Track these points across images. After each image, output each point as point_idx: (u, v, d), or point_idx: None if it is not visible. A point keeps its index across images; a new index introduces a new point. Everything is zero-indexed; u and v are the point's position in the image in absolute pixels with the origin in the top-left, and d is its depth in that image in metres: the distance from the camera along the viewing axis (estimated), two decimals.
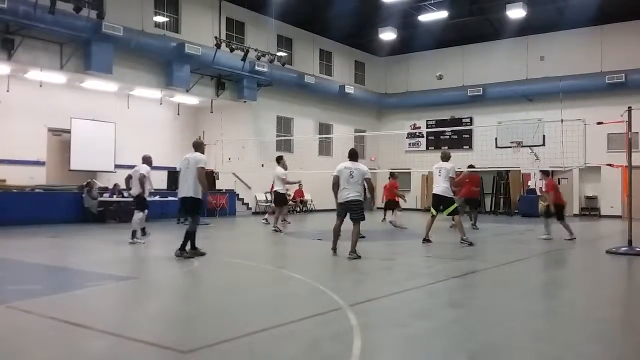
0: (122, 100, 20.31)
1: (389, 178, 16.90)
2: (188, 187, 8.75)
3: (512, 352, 4.25)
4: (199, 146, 9.12)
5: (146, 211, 11.00)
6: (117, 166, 19.09)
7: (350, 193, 8.88)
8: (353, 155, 9.28)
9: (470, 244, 10.67)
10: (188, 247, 8.83)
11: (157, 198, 17.07)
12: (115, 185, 16.67)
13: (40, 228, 13.51)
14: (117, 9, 17.47)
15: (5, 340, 4.38)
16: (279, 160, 14.40)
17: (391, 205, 16.21)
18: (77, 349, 4.18)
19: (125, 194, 10.89)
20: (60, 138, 18.56)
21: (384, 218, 17.31)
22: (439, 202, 10.93)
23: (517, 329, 4.92)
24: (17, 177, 16.51)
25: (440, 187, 10.83)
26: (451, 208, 10.87)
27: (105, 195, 16.64)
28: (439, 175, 10.86)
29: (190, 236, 8.81)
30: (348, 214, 9.07)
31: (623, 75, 21.95)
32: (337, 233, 9.16)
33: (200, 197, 8.82)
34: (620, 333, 4.96)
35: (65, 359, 3.97)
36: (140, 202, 10.89)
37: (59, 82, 17.96)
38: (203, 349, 4.07)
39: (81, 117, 18.42)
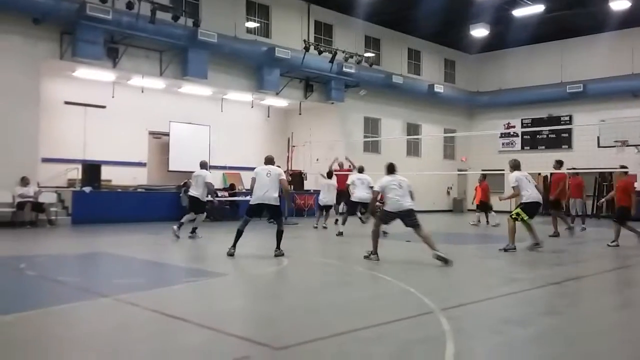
0: (216, 104, 21.14)
1: (480, 180, 16.39)
2: (276, 195, 9.13)
3: None
4: (271, 161, 9.54)
5: (204, 214, 11.97)
6: (211, 167, 19.85)
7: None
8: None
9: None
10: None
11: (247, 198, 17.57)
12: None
13: (142, 225, 14.35)
14: (212, 17, 18.24)
15: (115, 330, 4.69)
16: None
17: (484, 207, 15.77)
18: (177, 341, 4.39)
19: (194, 193, 11.65)
20: (160, 140, 19.63)
21: (487, 221, 16.86)
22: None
23: (620, 340, 4.59)
24: (121, 178, 17.64)
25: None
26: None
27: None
28: (529, 182, 10.42)
29: (281, 236, 9.13)
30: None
31: None
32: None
33: (279, 204, 9.23)
34: None
35: (166, 350, 4.18)
36: (199, 204, 11.56)
37: (159, 88, 19.01)
38: (294, 347, 4.14)
39: (179, 120, 19.38)
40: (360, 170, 13.50)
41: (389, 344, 4.33)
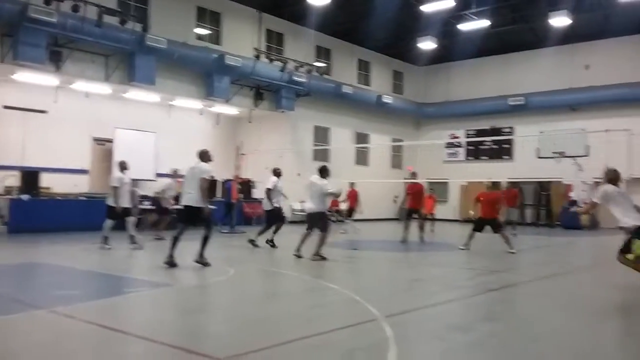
0: (164, 110, 20.77)
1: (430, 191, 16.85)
2: (197, 197, 8.70)
3: None
4: (203, 155, 9.09)
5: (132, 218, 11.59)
6: (158, 175, 19.48)
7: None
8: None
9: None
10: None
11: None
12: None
13: (83, 234, 13.89)
14: (161, 22, 17.94)
15: (48, 344, 4.51)
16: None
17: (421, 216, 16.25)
18: (114, 354, 4.26)
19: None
20: (104, 147, 19.08)
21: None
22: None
23: (558, 346, 4.77)
24: (62, 185, 17.02)
25: None
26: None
27: (145, 203, 16.96)
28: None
29: (207, 241, 8.75)
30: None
31: None
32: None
33: (204, 205, 8.72)
34: None
35: None
36: (117, 212, 11.20)
37: (104, 93, 18.50)
38: (238, 357, 4.10)
39: (124, 126, 18.90)
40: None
41: (333, 351, 4.36)
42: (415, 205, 14.32)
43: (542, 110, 24.64)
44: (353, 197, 17.79)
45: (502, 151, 26.36)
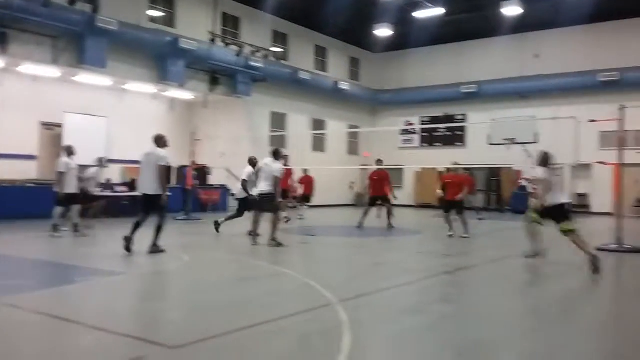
0: (116, 94, 20.20)
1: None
2: (152, 184, 8.56)
3: (500, 348, 4.28)
4: (159, 140, 8.86)
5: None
6: (109, 161, 18.99)
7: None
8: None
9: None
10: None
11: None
12: (108, 180, 16.56)
13: (32, 222, 13.44)
14: (112, 3, 17.32)
15: None
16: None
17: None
18: (64, 344, 4.17)
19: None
20: (53, 132, 18.44)
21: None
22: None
23: (507, 325, 4.95)
24: (8, 171, 16.40)
25: None
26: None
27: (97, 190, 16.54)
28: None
29: (160, 230, 8.64)
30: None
31: (617, 73, 22.02)
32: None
33: (161, 193, 8.59)
34: (608, 329, 4.99)
35: (52, 354, 3.96)
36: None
37: (53, 76, 17.83)
38: (191, 345, 4.07)
39: (74, 111, 18.30)
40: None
41: (288, 337, 4.38)
42: (379, 192, 14.40)
43: (493, 97, 25.21)
44: (308, 183, 17.83)
45: (455, 138, 26.89)
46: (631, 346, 4.38)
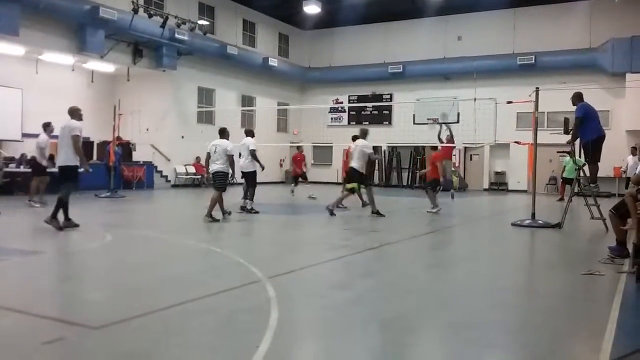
0: (30, 65, 19.02)
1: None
2: (64, 156, 8.53)
3: (422, 319, 4.47)
4: (73, 113, 8.79)
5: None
6: (24, 135, 17.96)
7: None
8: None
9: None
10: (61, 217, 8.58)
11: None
12: (23, 155, 15.68)
13: None
14: None
15: None
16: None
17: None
18: None
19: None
20: None
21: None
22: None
23: (428, 297, 5.17)
24: None
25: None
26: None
27: (11, 165, 15.66)
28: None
29: (62, 204, 8.55)
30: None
31: (533, 57, 23.13)
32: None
33: (74, 164, 8.57)
34: (521, 299, 5.32)
35: None
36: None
37: None
38: (115, 324, 3.97)
39: None
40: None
41: (215, 315, 4.36)
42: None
43: (419, 78, 25.84)
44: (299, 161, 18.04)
45: (382, 117, 27.42)
46: (541, 313, 4.70)
